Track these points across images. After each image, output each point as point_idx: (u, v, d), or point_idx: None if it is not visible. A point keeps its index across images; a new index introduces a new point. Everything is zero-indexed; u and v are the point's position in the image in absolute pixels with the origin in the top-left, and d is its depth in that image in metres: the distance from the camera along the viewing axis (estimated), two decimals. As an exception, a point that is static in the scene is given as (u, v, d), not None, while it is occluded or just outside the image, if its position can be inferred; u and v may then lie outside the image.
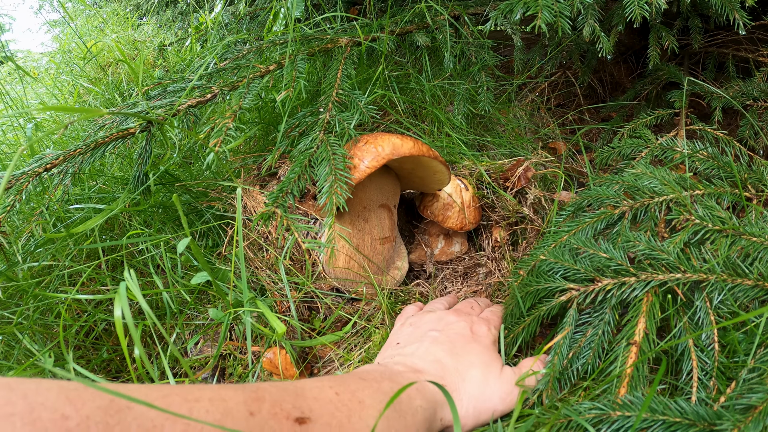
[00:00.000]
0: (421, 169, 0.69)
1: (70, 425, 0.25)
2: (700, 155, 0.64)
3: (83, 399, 0.26)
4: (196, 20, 1.59)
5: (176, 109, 0.71)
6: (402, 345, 0.53)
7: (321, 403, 0.36)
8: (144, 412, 0.27)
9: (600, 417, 0.37)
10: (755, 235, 0.47)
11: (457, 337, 0.51)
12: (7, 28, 2.77)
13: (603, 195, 0.60)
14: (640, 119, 0.82)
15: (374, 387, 0.40)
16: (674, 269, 0.46)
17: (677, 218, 0.53)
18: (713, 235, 0.49)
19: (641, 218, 0.57)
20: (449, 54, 0.88)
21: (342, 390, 0.38)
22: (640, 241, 0.49)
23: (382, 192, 0.70)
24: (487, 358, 0.49)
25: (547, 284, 0.50)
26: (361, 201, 0.69)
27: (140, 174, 0.70)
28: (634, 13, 0.68)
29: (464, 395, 0.46)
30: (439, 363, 0.47)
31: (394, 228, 0.73)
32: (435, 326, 0.54)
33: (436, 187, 0.75)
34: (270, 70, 0.79)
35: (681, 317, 0.45)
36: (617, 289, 0.47)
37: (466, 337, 0.52)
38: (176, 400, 0.29)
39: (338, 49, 0.85)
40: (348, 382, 0.39)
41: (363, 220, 0.69)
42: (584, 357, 0.47)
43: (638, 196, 0.57)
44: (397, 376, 0.44)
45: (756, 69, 0.85)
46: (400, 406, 0.39)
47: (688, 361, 0.43)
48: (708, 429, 0.35)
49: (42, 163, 0.65)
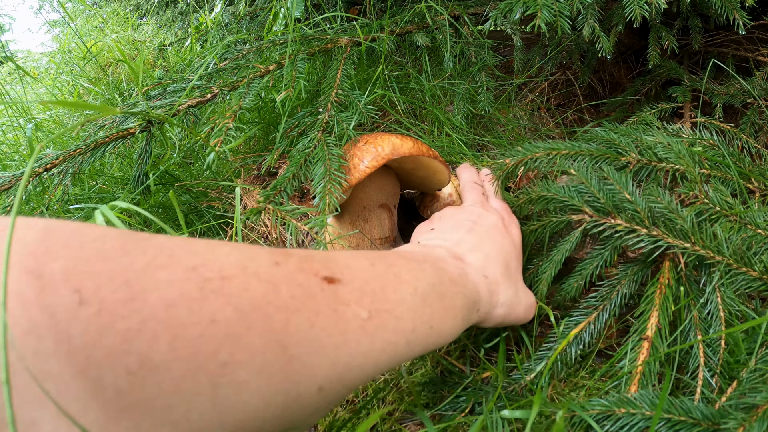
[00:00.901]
0: (421, 170, 0.69)
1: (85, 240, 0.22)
2: (706, 142, 0.64)
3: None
4: (196, 20, 1.59)
5: (176, 109, 0.71)
6: (437, 231, 0.50)
7: (353, 270, 0.31)
8: (162, 242, 0.25)
9: (605, 414, 0.37)
10: (759, 226, 0.47)
11: (494, 231, 0.49)
12: (7, 28, 2.77)
13: (613, 140, 0.59)
14: (643, 112, 0.82)
15: (414, 266, 0.36)
16: (686, 238, 0.46)
17: (687, 193, 0.52)
18: (720, 218, 0.49)
19: (644, 177, 0.56)
20: (449, 54, 0.88)
21: (378, 262, 0.34)
22: (663, 200, 0.48)
23: (382, 192, 0.70)
24: (519, 261, 0.49)
25: (564, 198, 0.50)
26: (361, 201, 0.69)
27: (140, 174, 0.70)
28: (634, 13, 0.68)
29: (502, 294, 0.44)
30: (480, 252, 0.45)
31: (393, 228, 0.73)
32: (468, 216, 0.51)
33: (436, 186, 0.75)
34: (270, 71, 0.79)
35: (692, 311, 0.45)
36: (626, 233, 0.47)
37: (501, 231, 0.50)
38: (199, 244, 0.26)
39: (338, 49, 0.85)
40: (386, 257, 0.36)
41: (363, 221, 0.69)
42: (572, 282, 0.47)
43: (647, 155, 0.57)
44: (440, 261, 0.41)
45: (756, 68, 0.85)
46: (442, 288, 0.36)
47: (695, 358, 0.43)
48: (712, 428, 0.35)
49: (42, 163, 0.65)
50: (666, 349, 0.43)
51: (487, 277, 0.43)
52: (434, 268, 0.38)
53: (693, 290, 0.47)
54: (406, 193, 0.88)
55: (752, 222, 0.47)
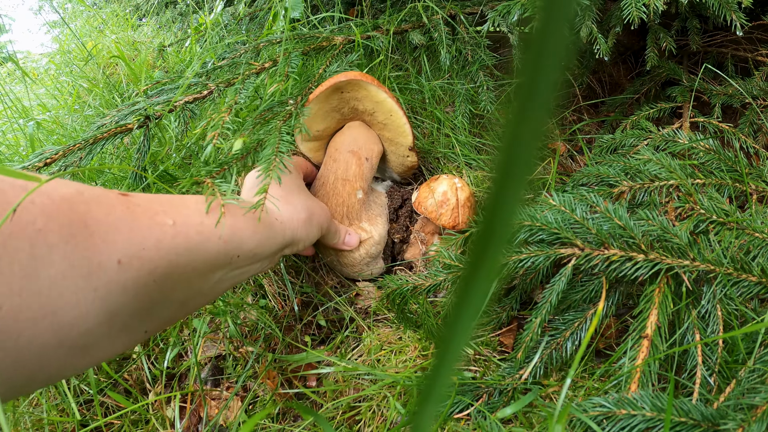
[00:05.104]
0: (380, 112, 0.74)
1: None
2: (702, 147, 0.64)
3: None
4: (195, 21, 1.59)
5: (173, 105, 0.71)
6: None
7: (148, 196, 0.41)
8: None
9: (605, 415, 0.37)
10: (757, 230, 0.47)
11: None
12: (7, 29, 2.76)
13: (603, 173, 0.59)
14: (642, 112, 0.82)
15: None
16: (684, 255, 0.45)
17: (683, 206, 0.52)
18: (717, 227, 0.49)
19: (641, 200, 0.56)
20: (445, 51, 0.89)
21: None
22: (654, 222, 0.48)
23: (356, 140, 0.77)
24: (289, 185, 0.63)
25: (554, 230, 0.48)
26: (335, 143, 0.78)
27: (138, 173, 0.70)
28: (632, 14, 0.68)
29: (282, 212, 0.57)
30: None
31: (361, 177, 0.75)
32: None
33: (402, 141, 0.78)
34: (265, 68, 0.79)
35: (690, 311, 0.45)
36: (621, 263, 0.45)
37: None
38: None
39: (332, 48, 0.86)
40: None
41: (332, 160, 0.76)
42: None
43: (639, 179, 0.57)
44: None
45: (755, 68, 0.85)
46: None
47: (693, 358, 0.43)
48: (712, 429, 0.35)
49: (42, 159, 0.64)
50: (665, 349, 0.43)
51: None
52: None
53: (691, 296, 0.46)
54: (406, 190, 0.89)
55: (749, 226, 0.47)
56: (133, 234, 0.35)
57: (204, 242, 0.40)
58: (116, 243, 0.34)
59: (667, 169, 0.56)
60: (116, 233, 0.34)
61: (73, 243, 0.31)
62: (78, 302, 0.31)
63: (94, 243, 0.33)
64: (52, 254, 0.30)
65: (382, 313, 0.73)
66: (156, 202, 0.40)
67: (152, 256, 0.36)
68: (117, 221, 0.35)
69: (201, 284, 0.42)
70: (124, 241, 0.34)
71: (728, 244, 0.46)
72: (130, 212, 0.36)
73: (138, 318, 0.36)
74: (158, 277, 0.36)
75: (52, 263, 0.30)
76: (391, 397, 0.56)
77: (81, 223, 0.32)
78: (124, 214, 0.36)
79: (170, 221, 0.38)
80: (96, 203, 0.34)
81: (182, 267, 0.38)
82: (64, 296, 0.30)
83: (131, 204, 0.37)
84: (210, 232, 0.41)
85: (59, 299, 0.30)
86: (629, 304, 0.52)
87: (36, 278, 0.29)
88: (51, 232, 0.30)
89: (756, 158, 0.73)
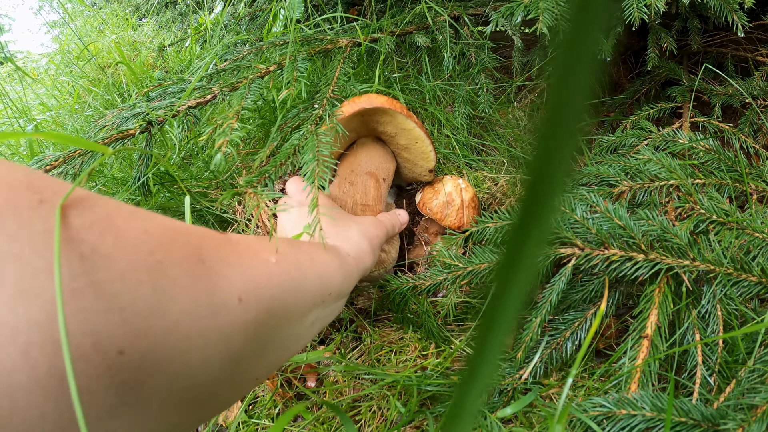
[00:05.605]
0: (402, 136, 0.72)
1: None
2: (702, 147, 0.64)
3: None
4: (195, 21, 1.59)
5: (176, 110, 0.71)
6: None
7: (249, 237, 0.39)
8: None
9: (606, 415, 0.37)
10: (757, 230, 0.47)
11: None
12: (7, 29, 2.77)
13: (603, 173, 0.59)
14: (642, 112, 0.82)
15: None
16: (684, 255, 0.45)
17: (683, 206, 0.52)
18: (717, 227, 0.49)
19: (641, 200, 0.56)
20: (449, 55, 0.89)
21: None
22: (654, 222, 0.48)
23: (371, 160, 0.73)
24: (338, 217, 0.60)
25: (554, 230, 0.48)
26: (350, 164, 0.73)
27: (140, 175, 0.70)
28: (633, 15, 0.68)
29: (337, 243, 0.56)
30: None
31: (379, 200, 0.74)
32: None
33: (424, 164, 0.76)
34: (270, 71, 0.79)
35: (690, 311, 0.45)
36: (621, 263, 0.45)
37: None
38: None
39: (338, 50, 0.85)
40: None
41: (349, 183, 0.72)
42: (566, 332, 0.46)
43: (639, 178, 0.57)
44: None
45: (755, 68, 0.85)
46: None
47: (693, 358, 0.43)
48: (712, 429, 0.35)
49: (41, 165, 0.64)
50: (665, 349, 0.43)
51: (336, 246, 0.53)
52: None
53: (691, 296, 0.46)
54: (407, 188, 0.89)
55: (749, 226, 0.47)
56: (246, 271, 0.33)
57: (303, 280, 0.39)
58: (234, 279, 0.31)
59: (667, 169, 0.56)
60: (231, 269, 0.32)
61: (194, 277, 0.28)
62: (206, 345, 0.27)
63: (213, 279, 0.30)
64: (175, 288, 0.27)
65: (382, 313, 0.73)
66: (249, 239, 0.38)
67: (266, 295, 0.33)
68: (228, 257, 0.32)
69: (299, 325, 0.39)
70: (240, 278, 0.32)
71: (728, 244, 0.46)
72: (234, 249, 0.34)
73: (251, 363, 0.33)
74: (271, 317, 0.33)
75: (176, 299, 0.26)
76: (392, 396, 0.56)
77: (197, 258, 0.29)
78: (232, 251, 0.33)
79: (273, 259, 0.37)
80: (206, 238, 0.32)
81: (288, 305, 0.36)
82: (191, 338, 0.27)
83: (232, 241, 0.35)
84: (306, 269, 0.40)
85: (186, 341, 0.26)
86: (629, 304, 0.52)
87: (161, 316, 0.25)
88: (171, 264, 0.27)
89: (756, 158, 0.73)
